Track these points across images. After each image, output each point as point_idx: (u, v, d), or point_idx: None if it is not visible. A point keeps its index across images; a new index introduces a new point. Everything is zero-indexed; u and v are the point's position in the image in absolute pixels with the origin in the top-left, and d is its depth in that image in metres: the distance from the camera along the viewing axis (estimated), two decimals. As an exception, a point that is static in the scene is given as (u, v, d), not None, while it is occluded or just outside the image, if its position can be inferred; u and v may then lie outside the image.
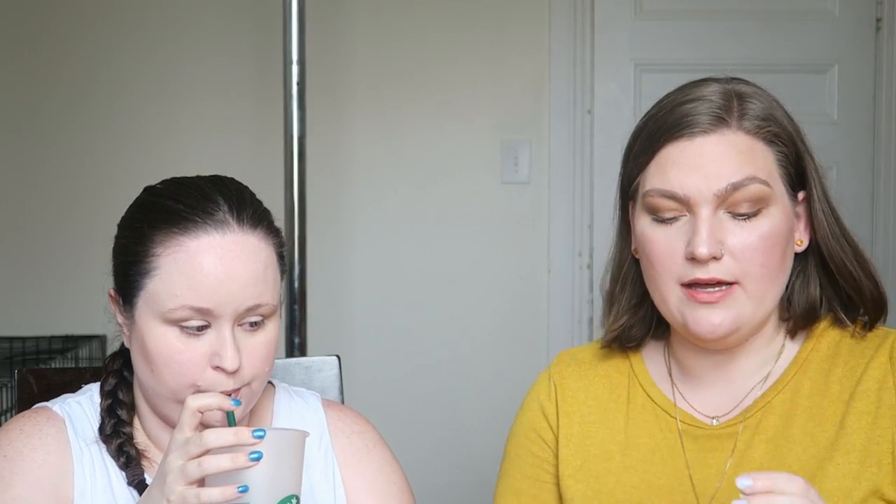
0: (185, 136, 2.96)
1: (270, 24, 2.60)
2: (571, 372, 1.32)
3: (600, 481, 1.23)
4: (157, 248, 1.12)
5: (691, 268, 1.13)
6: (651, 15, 3.02)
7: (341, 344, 2.75)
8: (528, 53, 3.00)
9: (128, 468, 1.17)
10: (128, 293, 1.15)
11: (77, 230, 2.94)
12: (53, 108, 2.95)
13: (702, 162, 1.14)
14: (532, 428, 1.31)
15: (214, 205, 1.13)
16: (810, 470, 1.14)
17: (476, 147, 3.01)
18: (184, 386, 1.12)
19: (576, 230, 3.02)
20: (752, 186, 1.13)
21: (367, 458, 1.29)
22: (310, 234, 2.28)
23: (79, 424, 1.19)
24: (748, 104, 1.17)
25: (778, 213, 1.15)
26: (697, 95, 1.18)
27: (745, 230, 1.13)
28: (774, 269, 1.15)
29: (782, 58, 2.97)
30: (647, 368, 1.27)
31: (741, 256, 1.13)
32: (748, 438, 1.18)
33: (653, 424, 1.23)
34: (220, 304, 1.11)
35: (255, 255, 1.13)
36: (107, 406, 1.20)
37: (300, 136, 2.19)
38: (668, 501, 1.19)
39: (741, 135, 1.15)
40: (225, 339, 1.11)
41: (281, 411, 1.29)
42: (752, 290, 1.14)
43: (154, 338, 1.12)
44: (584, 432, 1.27)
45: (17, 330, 2.82)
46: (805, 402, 1.18)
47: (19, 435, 1.16)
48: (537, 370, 2.54)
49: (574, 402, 1.29)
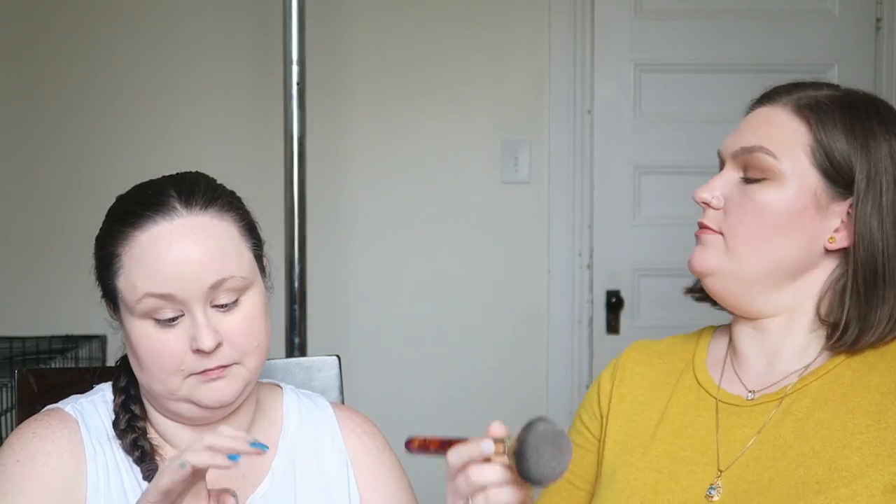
0: (185, 136, 2.96)
1: (270, 24, 2.60)
2: (637, 357, 1.38)
3: (630, 452, 1.28)
4: (119, 249, 1.15)
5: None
6: (651, 15, 3.02)
7: (341, 344, 2.75)
8: (528, 53, 3.00)
9: (142, 463, 1.17)
10: (110, 298, 1.19)
11: (77, 230, 2.93)
12: (53, 108, 2.95)
13: (747, 122, 1.27)
14: (588, 400, 1.39)
15: (165, 197, 1.16)
16: (833, 453, 1.15)
17: (476, 147, 3.01)
18: (169, 375, 1.14)
19: (576, 230, 3.02)
20: (759, 155, 1.20)
21: (378, 460, 1.31)
22: (310, 234, 2.28)
23: (92, 424, 1.20)
24: (807, 90, 1.24)
25: (784, 189, 1.19)
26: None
27: (750, 192, 1.21)
28: (759, 233, 1.20)
29: (782, 58, 2.97)
30: (707, 355, 1.32)
31: (728, 211, 1.23)
32: (778, 418, 1.20)
33: (692, 403, 1.28)
34: (181, 287, 1.12)
35: (205, 232, 1.14)
36: (121, 402, 1.21)
37: (300, 136, 2.19)
38: (685, 470, 1.22)
39: (780, 108, 1.23)
40: (197, 320, 1.12)
41: (291, 414, 1.29)
42: (731, 245, 1.22)
43: (135, 335, 1.15)
44: (631, 410, 1.33)
45: (17, 330, 2.82)
46: (842, 390, 1.19)
47: (32, 439, 1.16)
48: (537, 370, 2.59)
49: (630, 384, 1.35)
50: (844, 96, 1.23)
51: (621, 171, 3.04)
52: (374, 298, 3.01)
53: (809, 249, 1.21)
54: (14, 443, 1.17)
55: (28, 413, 1.41)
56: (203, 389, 1.15)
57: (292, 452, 1.26)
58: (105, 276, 1.17)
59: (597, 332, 3.05)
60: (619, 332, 3.04)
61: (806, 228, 1.20)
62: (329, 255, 2.94)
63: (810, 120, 1.20)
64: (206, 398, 1.15)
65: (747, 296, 1.24)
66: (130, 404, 1.21)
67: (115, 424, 1.20)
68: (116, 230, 1.16)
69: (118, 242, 1.15)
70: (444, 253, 3.01)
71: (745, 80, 3.01)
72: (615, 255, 3.05)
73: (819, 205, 1.20)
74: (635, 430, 1.31)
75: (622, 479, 1.27)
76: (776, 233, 1.20)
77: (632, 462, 1.28)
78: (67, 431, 1.18)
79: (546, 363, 3.02)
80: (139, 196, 1.19)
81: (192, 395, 1.15)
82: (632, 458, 1.28)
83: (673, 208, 3.03)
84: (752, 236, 1.21)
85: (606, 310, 3.05)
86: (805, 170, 1.19)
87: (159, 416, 1.22)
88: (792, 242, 1.20)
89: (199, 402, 1.15)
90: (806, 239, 1.20)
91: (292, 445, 1.27)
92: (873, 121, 1.20)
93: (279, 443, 1.26)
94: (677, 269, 3.18)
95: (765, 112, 1.25)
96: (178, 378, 1.14)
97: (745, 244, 1.22)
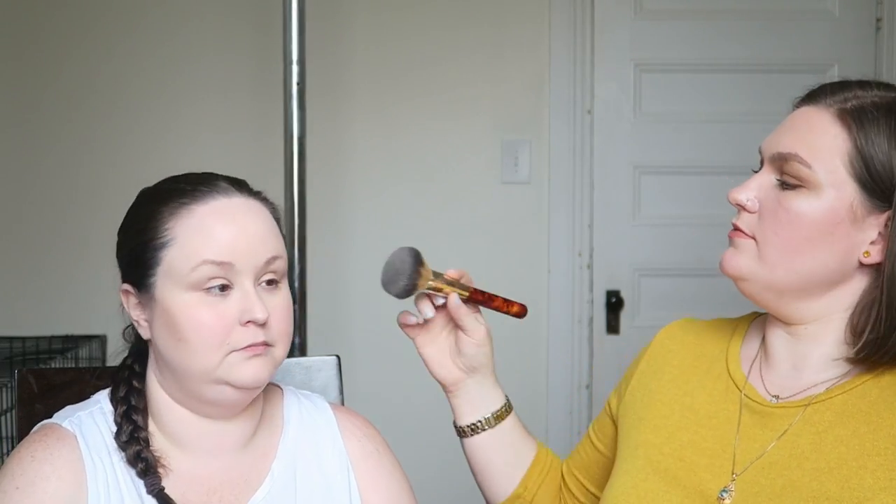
0: (185, 136, 2.96)
1: (270, 24, 2.60)
2: (675, 333, 1.39)
3: (655, 432, 1.29)
4: (169, 222, 1.16)
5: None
6: (651, 15, 3.02)
7: (341, 344, 2.75)
8: (528, 53, 3.00)
9: (146, 476, 1.16)
10: (143, 276, 1.17)
11: (77, 230, 2.94)
12: (53, 108, 2.95)
13: (789, 122, 1.21)
14: (631, 365, 1.42)
15: (214, 179, 1.20)
16: (848, 471, 1.13)
17: (476, 147, 3.01)
18: (212, 349, 1.14)
19: (576, 230, 3.02)
20: (794, 163, 1.17)
21: (378, 462, 1.31)
22: (310, 234, 2.28)
23: (91, 438, 1.18)
24: (853, 90, 1.19)
25: (818, 200, 1.16)
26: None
27: (785, 199, 1.18)
28: (792, 244, 1.17)
29: (782, 58, 2.97)
30: (742, 346, 1.31)
31: (762, 216, 1.20)
32: (800, 427, 1.19)
33: (719, 394, 1.27)
34: (239, 257, 1.14)
35: (260, 213, 1.19)
36: (123, 412, 1.20)
37: (300, 135, 2.19)
38: (706, 462, 1.22)
39: (823, 110, 1.18)
40: (249, 293, 1.15)
41: (292, 416, 1.30)
42: (764, 252, 1.19)
43: (179, 307, 1.14)
44: (657, 388, 1.33)
45: (17, 330, 2.82)
46: (866, 408, 1.17)
47: (31, 463, 1.15)
48: (537, 370, 2.57)
49: (661, 361, 1.37)
50: (893, 102, 1.17)
51: (621, 171, 3.04)
52: (374, 298, 2.98)
53: (844, 262, 1.17)
54: (13, 467, 1.15)
55: (28, 413, 1.42)
56: (241, 368, 1.15)
57: (293, 455, 1.26)
58: (146, 249, 1.16)
59: (597, 332, 3.05)
60: (619, 332, 3.04)
61: (841, 241, 1.16)
62: (329, 255, 2.94)
63: (852, 126, 1.15)
64: (242, 376, 1.15)
65: (778, 302, 1.22)
66: (132, 414, 1.19)
67: (117, 436, 1.19)
68: (166, 203, 1.17)
69: (168, 214, 1.16)
70: (444, 253, 2.99)
71: (745, 80, 3.02)
72: (615, 255, 3.05)
73: (855, 217, 1.16)
74: (659, 409, 1.31)
75: (644, 457, 1.27)
76: (809, 244, 1.17)
77: (656, 444, 1.27)
78: (66, 450, 1.16)
79: (546, 363, 3.02)
80: (188, 178, 1.20)
81: (228, 374, 1.15)
82: (656, 438, 1.28)
83: (673, 208, 3.04)
84: (785, 246, 1.18)
85: (606, 310, 3.05)
86: (842, 180, 1.15)
87: (170, 415, 1.20)
88: (825, 255, 1.17)
89: (234, 382, 1.15)
90: (840, 252, 1.17)
91: (293, 448, 1.27)
92: None
93: (279, 445, 1.26)
94: (677, 269, 3.21)
95: (807, 113, 1.20)
96: (220, 353, 1.14)
97: (777, 253, 1.18)
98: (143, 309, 1.18)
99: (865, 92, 1.18)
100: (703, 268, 2.85)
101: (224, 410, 1.20)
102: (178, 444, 1.21)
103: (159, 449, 1.20)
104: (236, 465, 1.22)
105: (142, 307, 1.19)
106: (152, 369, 1.22)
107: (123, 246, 1.21)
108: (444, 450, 2.99)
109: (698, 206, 2.99)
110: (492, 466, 1.42)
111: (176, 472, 1.19)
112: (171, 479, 1.18)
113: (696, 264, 2.96)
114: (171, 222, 1.16)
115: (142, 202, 1.21)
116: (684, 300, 2.91)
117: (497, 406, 1.42)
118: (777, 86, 2.86)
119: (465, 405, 1.42)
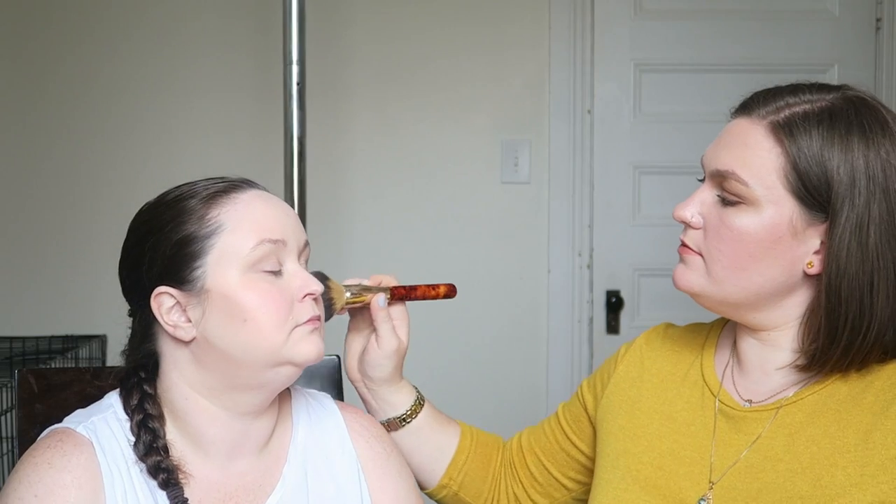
0: (185, 137, 2.96)
1: (270, 24, 2.60)
2: (654, 340, 1.41)
3: (634, 441, 1.30)
4: (214, 211, 1.17)
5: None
6: (651, 15, 3.03)
7: (341, 344, 2.75)
8: (528, 53, 3.00)
9: (167, 487, 1.15)
10: (187, 270, 1.16)
11: (77, 230, 2.94)
12: (53, 108, 2.95)
13: (725, 136, 1.22)
14: (609, 361, 1.45)
15: (238, 179, 1.22)
16: (819, 469, 1.15)
17: (476, 147, 3.01)
18: (279, 326, 1.15)
19: (576, 230, 3.02)
20: (732, 181, 1.18)
21: (387, 464, 1.31)
22: (310, 233, 2.26)
23: (107, 445, 1.16)
24: (785, 99, 1.18)
25: (759, 216, 1.17)
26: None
27: (726, 216, 1.19)
28: (737, 261, 1.18)
29: (782, 58, 2.98)
30: (716, 352, 1.33)
31: (707, 233, 1.22)
32: (773, 430, 1.20)
33: (696, 400, 1.29)
34: (289, 234, 1.19)
35: (286, 204, 1.24)
36: (139, 420, 1.17)
37: (300, 136, 2.18)
38: (685, 470, 1.24)
39: (757, 123, 1.18)
40: (300, 270, 1.19)
41: (301, 419, 1.29)
42: (711, 269, 1.21)
43: (241, 289, 1.15)
44: (637, 395, 1.35)
45: (17, 330, 2.82)
46: (836, 406, 1.18)
47: (48, 470, 1.12)
48: (537, 370, 2.57)
49: (638, 365, 1.38)
50: (826, 108, 1.16)
51: (621, 171, 3.04)
52: (374, 298, 3.00)
53: (789, 275, 1.18)
54: (30, 474, 1.12)
55: (28, 413, 1.42)
56: (305, 343, 1.17)
57: (303, 458, 1.26)
58: (191, 242, 1.16)
59: (597, 332, 3.05)
60: (618, 332, 3.04)
61: (784, 255, 1.17)
62: (329, 254, 2.94)
63: (784, 141, 1.15)
64: (307, 351, 1.16)
65: (736, 313, 1.24)
66: (149, 422, 1.17)
67: (135, 446, 1.17)
68: (203, 197, 1.18)
69: (212, 205, 1.17)
70: (443, 253, 3.00)
71: (745, 80, 2.99)
72: (615, 255, 3.05)
73: (796, 231, 1.16)
74: (639, 417, 1.32)
75: (624, 467, 1.29)
76: (753, 260, 1.18)
77: (635, 453, 1.29)
78: (84, 458, 1.14)
79: (546, 363, 3.02)
80: (199, 182, 1.21)
81: (293, 351, 1.16)
82: (635, 447, 1.30)
83: (673, 208, 3.03)
84: (730, 263, 1.19)
85: (606, 310, 3.05)
86: (780, 196, 1.16)
87: (198, 415, 1.18)
88: (770, 270, 1.18)
89: (297, 359, 1.16)
90: (785, 265, 1.18)
91: (303, 450, 1.26)
92: (854, 135, 1.14)
93: (290, 448, 1.26)
94: (677, 269, 3.18)
95: (741, 126, 1.20)
96: (286, 330, 1.15)
97: (723, 270, 1.20)
98: (185, 309, 1.16)
99: (796, 98, 1.18)
100: (703, 268, 2.85)
101: (264, 399, 1.20)
102: (199, 447, 1.19)
103: (177, 456, 1.18)
104: (251, 470, 1.22)
105: (182, 308, 1.17)
106: (177, 369, 1.19)
107: (151, 251, 1.17)
108: (444, 450, 3.00)
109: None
110: (412, 459, 1.42)
111: (194, 479, 1.18)
112: (189, 486, 1.17)
113: (696, 264, 2.96)
114: (215, 210, 1.17)
115: (160, 209, 1.19)
116: (684, 300, 2.88)
117: (399, 412, 1.42)
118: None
119: (370, 402, 1.43)
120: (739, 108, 1.23)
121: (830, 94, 1.18)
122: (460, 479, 1.45)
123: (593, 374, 1.47)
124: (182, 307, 1.16)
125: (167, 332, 1.18)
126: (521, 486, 1.46)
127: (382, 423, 1.41)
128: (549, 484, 1.45)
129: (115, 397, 1.22)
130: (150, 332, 1.20)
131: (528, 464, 1.46)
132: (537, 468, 1.46)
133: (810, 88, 1.19)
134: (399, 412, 1.42)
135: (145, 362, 1.21)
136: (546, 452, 1.46)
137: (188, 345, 1.18)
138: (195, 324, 1.16)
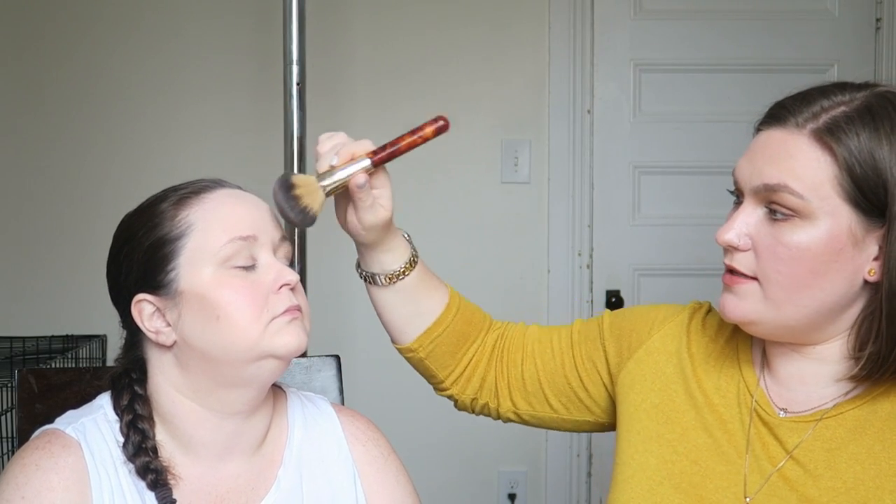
0: (185, 137, 2.96)
1: (270, 24, 2.60)
2: (697, 319, 1.33)
3: (668, 426, 1.25)
4: (183, 212, 1.18)
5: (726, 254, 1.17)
6: (651, 15, 3.03)
7: (341, 344, 2.75)
8: (528, 53, 3.00)
9: (156, 488, 1.15)
10: (161, 274, 1.16)
11: (77, 230, 2.94)
12: (53, 108, 2.95)
13: (763, 150, 1.15)
14: (640, 316, 1.36)
15: (211, 179, 1.23)
16: (865, 492, 1.11)
17: (476, 147, 3.01)
18: (255, 320, 1.14)
19: (576, 230, 3.02)
20: (784, 194, 1.11)
21: (384, 468, 1.30)
22: (310, 234, 2.28)
23: (95, 446, 1.17)
24: (819, 102, 1.13)
25: (816, 229, 1.11)
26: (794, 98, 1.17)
27: (780, 233, 1.12)
28: (798, 279, 1.12)
29: (782, 58, 2.98)
30: (753, 343, 1.27)
31: (760, 255, 1.14)
32: (811, 443, 1.16)
33: (733, 396, 1.24)
34: (260, 229, 1.19)
35: (259, 200, 1.23)
36: (128, 421, 1.18)
37: (300, 136, 2.18)
38: (721, 469, 1.20)
39: (797, 133, 1.12)
40: (274, 262, 1.19)
41: (296, 421, 1.29)
42: (770, 293, 1.14)
43: (213, 286, 1.15)
44: (673, 374, 1.28)
45: (17, 330, 2.82)
46: (879, 424, 1.15)
47: (36, 471, 1.13)
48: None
49: (676, 340, 1.31)
50: (864, 107, 1.11)
51: (621, 171, 3.04)
52: (374, 298, 3.00)
53: (850, 286, 1.13)
54: (17, 475, 1.13)
55: (28, 413, 1.42)
56: (284, 334, 1.16)
57: (298, 462, 1.25)
58: (163, 245, 1.16)
59: (597, 331, 3.05)
60: (618, 332, 3.04)
61: (846, 267, 1.12)
62: (329, 255, 2.94)
63: (833, 147, 1.09)
64: (286, 343, 1.15)
65: (791, 336, 1.18)
66: (138, 422, 1.18)
67: (124, 447, 1.17)
68: (174, 200, 1.19)
69: (182, 207, 1.18)
70: (443, 253, 3.00)
71: (744, 80, 3.02)
72: (615, 254, 3.05)
73: (856, 240, 1.11)
74: (675, 401, 1.27)
75: (658, 455, 1.24)
76: (814, 276, 1.11)
77: (669, 440, 1.24)
78: (72, 459, 1.14)
79: (546, 363, 3.02)
80: (173, 187, 1.22)
81: (272, 344, 1.15)
82: (670, 434, 1.24)
83: (673, 208, 3.04)
84: (790, 283, 1.12)
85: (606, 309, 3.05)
86: (835, 206, 1.10)
87: (185, 417, 1.19)
88: (831, 284, 1.12)
89: (278, 350, 1.15)
90: (846, 277, 1.12)
91: (298, 454, 1.26)
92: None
93: (285, 451, 1.25)
94: (677, 269, 3.20)
95: (778, 138, 1.13)
96: (262, 323, 1.15)
97: (783, 292, 1.13)
98: (164, 313, 1.17)
99: (829, 101, 1.12)
100: (703, 268, 2.85)
101: (253, 397, 1.19)
102: (189, 449, 1.19)
103: (167, 457, 1.18)
104: (244, 472, 1.22)
105: (161, 313, 1.17)
106: (163, 373, 1.20)
107: (127, 259, 1.19)
108: (444, 449, 3.00)
109: (698, 206, 2.99)
110: (387, 315, 1.38)
111: (184, 481, 1.18)
112: (179, 488, 1.17)
113: (696, 264, 2.96)
114: (184, 212, 1.17)
115: (135, 217, 1.20)
116: (684, 300, 2.89)
117: (386, 271, 1.38)
118: (777, 86, 2.83)
119: (364, 254, 1.40)
120: (768, 119, 1.16)
121: (861, 93, 1.13)
122: (430, 348, 1.38)
123: (620, 321, 1.38)
124: (161, 312, 1.17)
125: (150, 339, 1.18)
126: (505, 381, 1.40)
127: (367, 276, 1.39)
128: (536, 396, 1.40)
129: (107, 398, 1.22)
130: (136, 339, 1.21)
131: (524, 370, 1.40)
132: (531, 380, 1.40)
133: (838, 89, 1.14)
134: (387, 271, 1.38)
135: (136, 366, 1.22)
136: (547, 371, 1.39)
137: (171, 349, 1.18)
138: (174, 326, 1.17)
